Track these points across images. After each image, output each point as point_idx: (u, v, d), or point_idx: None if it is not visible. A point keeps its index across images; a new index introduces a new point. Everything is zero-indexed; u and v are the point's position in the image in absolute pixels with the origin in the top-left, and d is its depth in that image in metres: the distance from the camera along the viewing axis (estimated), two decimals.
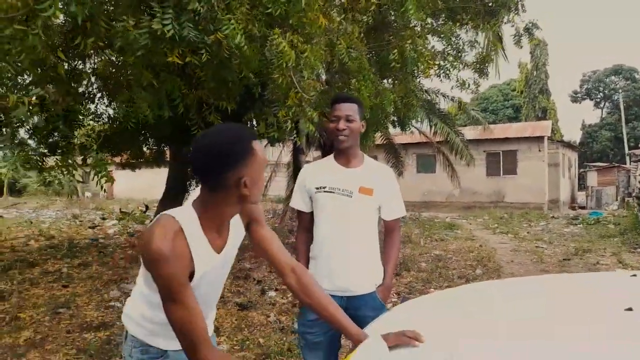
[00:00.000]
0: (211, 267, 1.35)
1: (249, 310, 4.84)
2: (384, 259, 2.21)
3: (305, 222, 2.26)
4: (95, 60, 4.76)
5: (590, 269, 7.13)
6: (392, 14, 6.33)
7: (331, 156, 2.23)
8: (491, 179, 19.90)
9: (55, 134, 5.70)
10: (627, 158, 31.11)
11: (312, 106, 3.71)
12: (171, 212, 1.30)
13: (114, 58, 3.93)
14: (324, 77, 6.04)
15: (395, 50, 5.32)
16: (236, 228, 1.46)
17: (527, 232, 11.83)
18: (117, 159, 9.42)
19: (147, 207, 14.69)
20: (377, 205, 2.15)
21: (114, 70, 4.18)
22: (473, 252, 8.55)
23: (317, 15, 3.51)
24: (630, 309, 1.31)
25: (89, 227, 12.58)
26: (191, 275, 1.28)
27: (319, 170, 2.22)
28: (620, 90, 41.49)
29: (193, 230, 1.28)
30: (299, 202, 2.25)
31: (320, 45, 3.70)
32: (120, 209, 15.57)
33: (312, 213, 2.24)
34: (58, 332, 4.16)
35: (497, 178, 19.83)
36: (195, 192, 1.42)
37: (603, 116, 44.38)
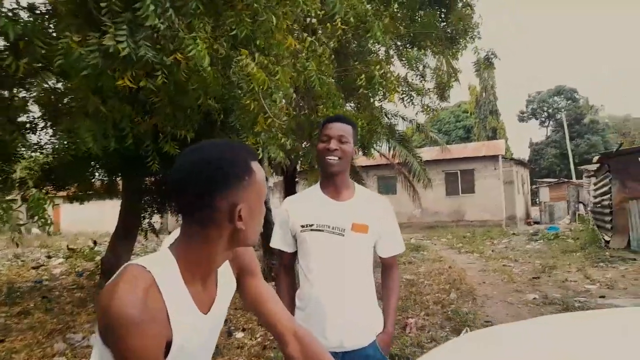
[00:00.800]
0: (196, 333, 1.01)
1: (214, 358, 4.37)
2: (383, 302, 1.92)
3: (288, 262, 1.95)
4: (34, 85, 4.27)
5: (560, 286, 7.12)
6: (357, 39, 6.22)
7: (316, 186, 1.93)
8: (451, 198, 20.18)
9: None
10: (573, 173, 32.69)
11: (283, 132, 3.41)
12: (141, 260, 0.96)
13: (52, 82, 3.48)
14: (293, 101, 5.82)
15: (363, 76, 5.19)
16: (226, 278, 1.13)
17: (492, 251, 11.88)
18: (64, 192, 8.73)
19: (95, 243, 13.74)
20: (372, 243, 1.87)
21: (53, 97, 3.70)
22: (443, 275, 8.39)
23: (285, 36, 3.25)
24: None
25: (32, 268, 11.53)
26: (167, 346, 0.93)
27: (304, 203, 1.90)
28: (562, 110, 43.84)
29: (171, 284, 0.95)
30: (279, 243, 1.93)
31: (290, 68, 3.43)
32: (67, 246, 14.52)
33: (295, 252, 1.93)
34: None
35: (456, 197, 20.14)
36: (172, 233, 1.09)
37: (548, 134, 46.62)
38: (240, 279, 1.21)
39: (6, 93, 3.79)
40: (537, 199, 27.33)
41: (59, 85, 3.90)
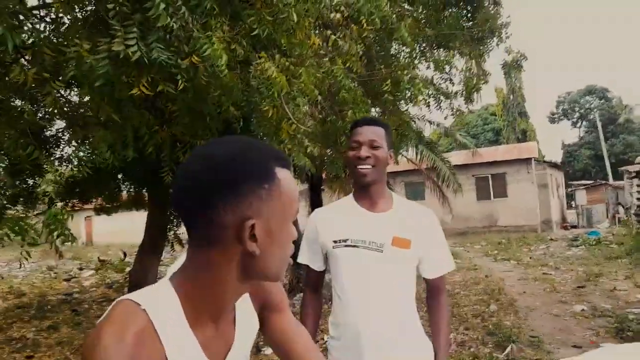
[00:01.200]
0: None
1: None
2: (433, 334, 1.66)
3: (315, 280, 1.73)
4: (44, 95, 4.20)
5: (609, 296, 6.63)
6: (380, 42, 5.98)
7: (350, 197, 1.71)
8: (482, 203, 19.56)
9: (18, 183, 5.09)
10: (610, 175, 31.39)
11: (309, 137, 3.20)
12: (136, 295, 0.74)
13: (64, 91, 3.35)
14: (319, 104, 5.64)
15: (389, 81, 4.96)
16: (246, 316, 0.89)
17: (530, 258, 11.33)
18: (92, 204, 8.77)
19: (125, 254, 13.86)
20: (416, 261, 1.63)
21: (67, 107, 3.57)
22: (480, 284, 7.98)
23: (308, 34, 3.03)
24: None
25: (64, 280, 11.67)
26: None
27: (336, 216, 1.67)
28: (595, 110, 42.39)
29: (172, 328, 0.72)
30: (307, 258, 1.70)
31: (315, 69, 3.21)
32: (98, 258, 14.69)
33: (324, 270, 1.71)
34: None
35: (488, 202, 19.51)
36: (178, 259, 0.85)
37: (581, 135, 45.14)
38: (262, 315, 0.97)
39: (18, 103, 3.72)
40: (573, 202, 26.31)
41: (72, 94, 3.80)
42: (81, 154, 4.81)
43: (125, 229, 22.89)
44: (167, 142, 3.39)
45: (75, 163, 5.82)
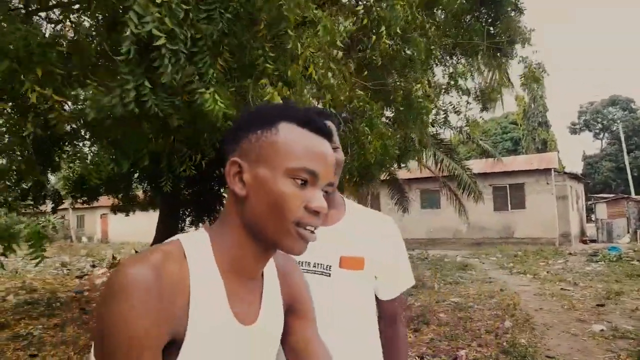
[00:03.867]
0: (227, 344, 0.74)
1: None
2: None
3: None
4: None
5: (631, 316, 6.35)
6: (396, 53, 5.89)
7: None
8: (499, 213, 19.18)
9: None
10: (632, 188, 30.59)
11: None
12: (177, 235, 0.79)
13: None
14: None
15: (400, 92, 4.88)
16: (274, 307, 0.86)
17: (547, 272, 11.00)
18: (108, 202, 8.81)
19: (137, 252, 13.95)
20: (372, 281, 1.33)
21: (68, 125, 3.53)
22: (494, 298, 7.74)
23: (307, 64, 2.91)
24: None
25: (77, 277, 11.75)
26: (177, 343, 0.69)
27: None
28: (619, 121, 41.44)
29: (203, 266, 0.74)
30: None
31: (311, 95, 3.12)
32: (112, 255, 14.80)
33: None
34: None
35: (505, 212, 19.11)
36: None
37: (603, 147, 44.19)
38: (287, 319, 0.90)
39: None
40: (593, 216, 25.66)
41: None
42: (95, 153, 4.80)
43: (140, 227, 23.05)
44: (166, 152, 3.31)
45: (88, 162, 5.89)
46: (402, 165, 8.57)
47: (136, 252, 14.14)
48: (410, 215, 18.84)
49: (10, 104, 2.89)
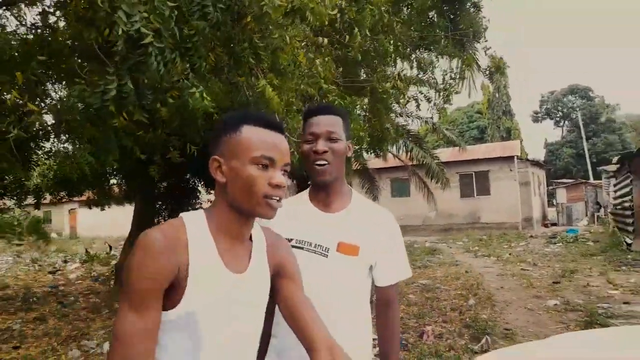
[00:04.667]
0: (221, 288, 1.01)
1: None
2: (380, 351, 1.52)
3: None
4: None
5: (582, 292, 6.92)
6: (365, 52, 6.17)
7: (305, 192, 1.56)
8: (465, 200, 19.92)
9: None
10: (591, 174, 32.11)
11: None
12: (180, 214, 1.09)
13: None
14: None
15: (368, 88, 5.16)
16: (260, 264, 1.13)
17: (509, 254, 11.65)
18: (82, 197, 8.77)
19: (110, 248, 13.87)
20: (366, 268, 1.47)
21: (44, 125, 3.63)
22: (460, 279, 8.23)
23: (296, 53, 3.14)
24: None
25: (49, 273, 11.64)
26: (179, 288, 0.97)
27: (286, 213, 1.40)
28: (577, 109, 43.13)
29: (198, 230, 1.03)
30: None
31: (301, 82, 3.35)
32: (86, 250, 14.65)
33: None
34: None
35: (471, 199, 19.86)
36: None
37: (564, 134, 45.92)
38: (276, 281, 1.16)
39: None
40: (554, 201, 26.87)
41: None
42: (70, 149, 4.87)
43: (110, 222, 22.77)
44: (158, 144, 3.49)
45: (64, 159, 5.94)
46: (380, 153, 8.91)
47: (110, 246, 14.08)
48: (380, 203, 19.26)
49: None
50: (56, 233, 30.31)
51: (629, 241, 10.80)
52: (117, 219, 17.86)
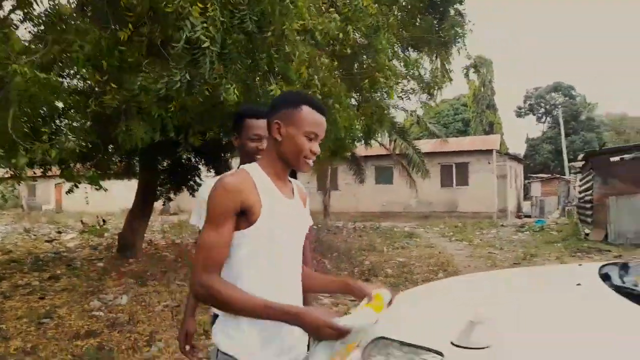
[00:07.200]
0: (284, 208, 1.38)
1: None
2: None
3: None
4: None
5: None
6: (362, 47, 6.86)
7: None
8: (445, 189, 20.94)
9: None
10: (567, 169, 33.44)
11: None
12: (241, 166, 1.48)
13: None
14: None
15: (367, 80, 5.89)
16: (297, 194, 1.52)
17: (480, 240, 12.64)
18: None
19: (104, 221, 14.45)
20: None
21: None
22: (433, 259, 9.14)
23: (302, 65, 3.86)
24: (579, 284, 1.80)
25: (46, 241, 12.21)
26: (250, 218, 1.31)
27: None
28: (559, 106, 44.38)
29: (258, 173, 1.38)
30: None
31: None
32: (82, 221, 15.19)
33: None
34: (47, 340, 4.24)
35: (450, 189, 20.90)
36: None
37: (544, 130, 47.21)
38: None
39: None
40: (529, 194, 28.11)
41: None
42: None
43: (96, 198, 23.11)
44: (184, 126, 4.23)
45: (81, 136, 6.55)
46: (369, 142, 9.69)
47: (103, 220, 14.66)
48: (364, 190, 20.23)
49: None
50: (42, 207, 30.58)
51: (587, 231, 11.87)
52: (102, 195, 18.28)
